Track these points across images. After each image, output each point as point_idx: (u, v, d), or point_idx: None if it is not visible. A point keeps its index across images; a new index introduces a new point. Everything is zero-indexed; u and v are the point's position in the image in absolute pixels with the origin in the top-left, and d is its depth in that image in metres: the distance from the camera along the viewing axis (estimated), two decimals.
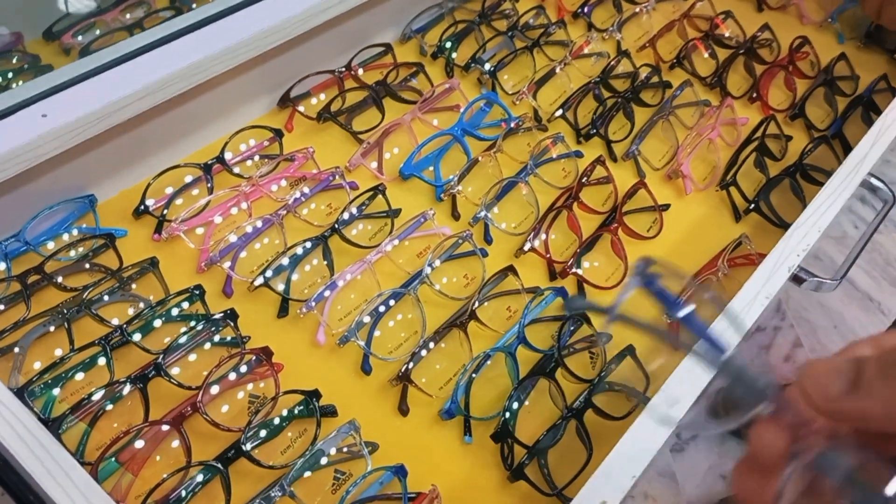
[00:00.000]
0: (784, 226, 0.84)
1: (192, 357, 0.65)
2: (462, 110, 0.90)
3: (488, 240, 0.79)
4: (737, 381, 0.33)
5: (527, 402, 0.66)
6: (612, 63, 0.99)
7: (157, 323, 0.66)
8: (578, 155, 0.89)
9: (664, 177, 0.90)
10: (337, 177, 0.80)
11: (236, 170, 0.79)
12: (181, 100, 0.76)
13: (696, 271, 0.78)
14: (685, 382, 0.56)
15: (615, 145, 0.91)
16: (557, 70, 0.97)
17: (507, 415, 0.63)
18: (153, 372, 0.61)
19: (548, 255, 0.77)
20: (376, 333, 0.69)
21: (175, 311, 0.67)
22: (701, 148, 0.91)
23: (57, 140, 0.65)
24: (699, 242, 0.83)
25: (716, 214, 0.85)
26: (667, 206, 0.86)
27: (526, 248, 0.77)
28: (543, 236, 0.79)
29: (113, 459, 0.58)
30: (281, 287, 0.70)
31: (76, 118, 0.64)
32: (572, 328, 0.70)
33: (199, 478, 0.57)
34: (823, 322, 1.62)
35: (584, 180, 0.83)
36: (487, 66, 0.95)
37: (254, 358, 0.65)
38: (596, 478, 0.50)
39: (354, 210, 0.77)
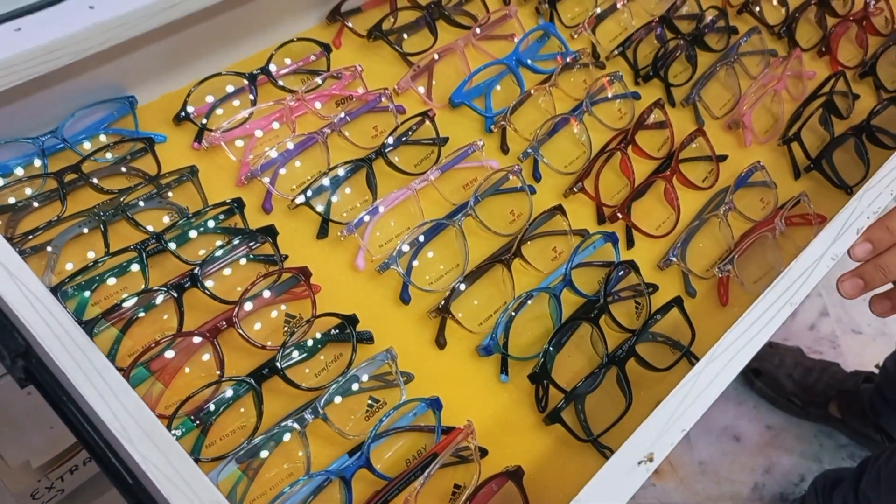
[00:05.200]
0: (845, 187, 0.81)
1: (229, 271, 0.63)
2: (518, 40, 0.85)
3: (537, 177, 0.76)
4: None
5: (567, 346, 0.64)
6: (678, 2, 0.94)
7: (194, 234, 0.64)
8: (636, 97, 0.85)
9: (724, 126, 0.86)
10: (384, 99, 0.77)
11: (281, 83, 0.76)
12: (230, 5, 0.72)
13: (751, 227, 0.75)
14: (738, 341, 0.53)
15: (675, 90, 0.87)
16: (619, 5, 0.92)
17: (546, 356, 0.61)
18: (189, 282, 0.60)
19: (597, 198, 0.74)
20: (417, 263, 0.66)
21: (213, 223, 0.65)
22: (764, 99, 0.87)
23: (103, 34, 0.62)
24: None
25: (775, 170, 0.81)
26: (724, 157, 0.82)
27: (576, 188, 0.74)
28: (594, 178, 0.75)
29: (143, 367, 0.57)
30: (322, 207, 0.68)
31: (125, 12, 0.61)
32: (620, 275, 0.68)
33: (231, 394, 0.56)
34: None
35: (640, 123, 0.80)
36: None
37: (291, 277, 0.63)
38: (643, 429, 0.48)
39: (401, 135, 0.74)
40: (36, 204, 0.64)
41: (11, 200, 0.63)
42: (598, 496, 0.43)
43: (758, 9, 0.97)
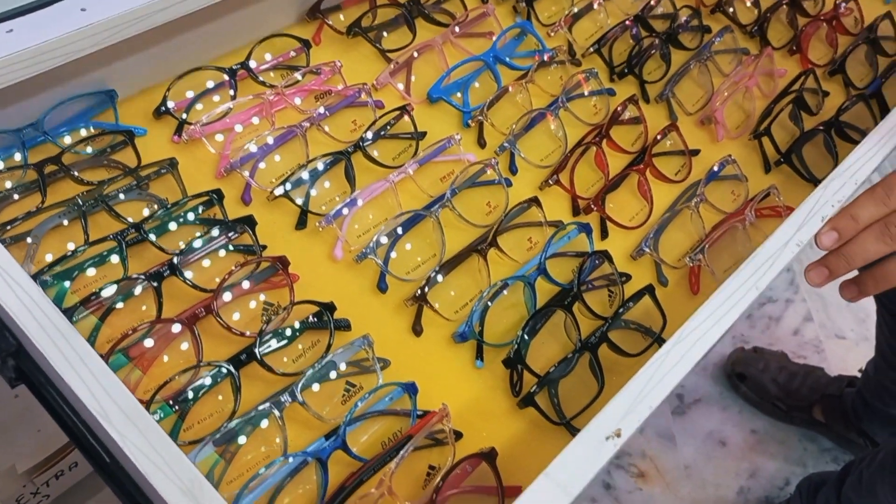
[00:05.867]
0: (814, 180, 0.82)
1: (208, 261, 0.64)
2: (495, 38, 0.87)
3: (513, 170, 0.77)
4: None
5: (541, 333, 0.65)
6: (652, 2, 0.96)
7: (174, 224, 0.65)
8: (611, 93, 0.87)
9: (697, 122, 0.88)
10: (363, 94, 0.78)
11: (261, 78, 0.77)
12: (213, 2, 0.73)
13: (722, 218, 0.77)
14: (704, 323, 0.55)
15: (649, 86, 0.89)
16: (595, 4, 0.94)
17: (520, 342, 0.62)
18: (168, 271, 0.61)
19: (573, 190, 0.76)
20: (394, 253, 0.67)
21: (192, 214, 0.66)
22: (736, 96, 0.89)
23: (94, 37, 0.63)
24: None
25: (746, 164, 0.83)
26: (697, 152, 0.84)
27: (551, 181, 0.76)
28: (569, 171, 0.77)
29: (122, 354, 0.57)
30: (300, 199, 0.69)
31: (118, 14, 0.62)
32: (593, 264, 0.69)
33: (209, 379, 0.57)
34: (836, 298, 1.60)
35: (615, 118, 0.81)
36: None
37: (270, 266, 0.64)
38: (612, 405, 0.49)
39: (379, 129, 0.75)
40: (16, 196, 0.65)
41: None
42: (567, 468, 0.45)
43: (731, 9, 0.99)
